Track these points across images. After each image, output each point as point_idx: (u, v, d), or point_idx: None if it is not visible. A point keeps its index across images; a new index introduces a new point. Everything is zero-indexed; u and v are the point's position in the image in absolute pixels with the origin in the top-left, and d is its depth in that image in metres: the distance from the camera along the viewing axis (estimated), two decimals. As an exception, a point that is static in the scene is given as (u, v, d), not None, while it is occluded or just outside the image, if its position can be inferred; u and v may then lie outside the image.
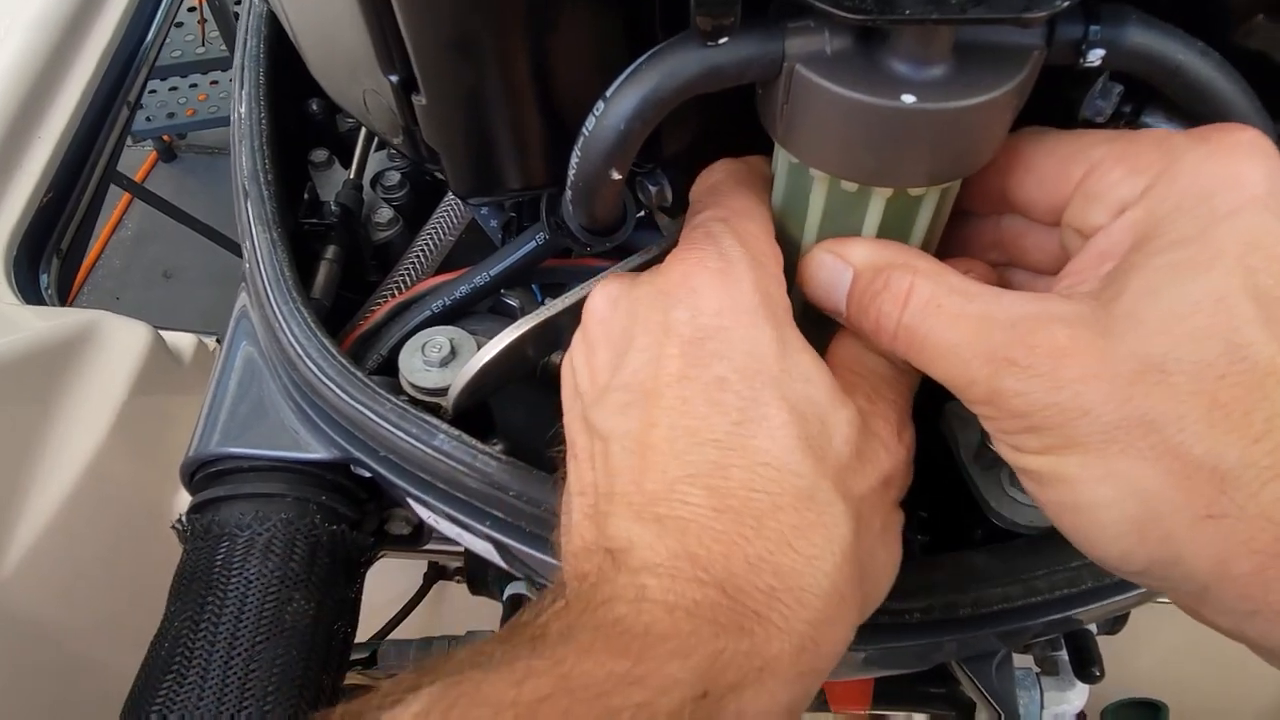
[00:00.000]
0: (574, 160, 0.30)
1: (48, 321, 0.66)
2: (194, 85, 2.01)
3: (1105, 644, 0.54)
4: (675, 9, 0.27)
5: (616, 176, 0.30)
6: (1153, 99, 0.33)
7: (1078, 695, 0.50)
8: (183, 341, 0.73)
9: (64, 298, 0.80)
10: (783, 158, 0.32)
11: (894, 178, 0.29)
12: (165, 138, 2.14)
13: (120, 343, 0.66)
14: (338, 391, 0.39)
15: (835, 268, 0.31)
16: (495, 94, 0.31)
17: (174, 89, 2.01)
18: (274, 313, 0.43)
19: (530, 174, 0.34)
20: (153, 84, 1.97)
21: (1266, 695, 0.83)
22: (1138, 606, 0.39)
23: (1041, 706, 0.47)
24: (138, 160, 2.17)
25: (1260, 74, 0.28)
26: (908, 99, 0.26)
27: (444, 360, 0.41)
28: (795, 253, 0.34)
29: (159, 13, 0.99)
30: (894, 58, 0.26)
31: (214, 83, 2.01)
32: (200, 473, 0.45)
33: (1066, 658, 0.50)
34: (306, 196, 0.52)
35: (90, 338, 0.65)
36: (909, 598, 0.34)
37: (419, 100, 0.32)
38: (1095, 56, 0.27)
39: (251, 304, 0.47)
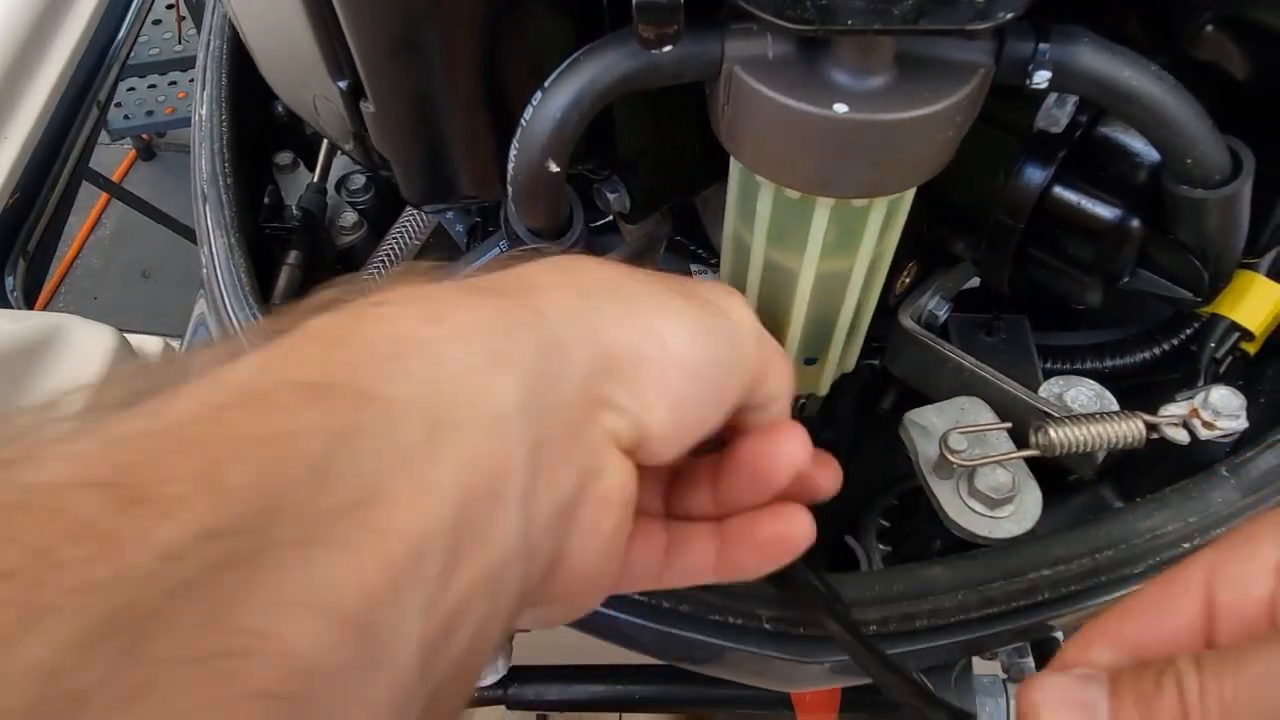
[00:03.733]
0: (512, 153, 0.30)
1: (11, 325, 0.65)
2: (173, 83, 1.99)
3: (1073, 650, 0.54)
4: (624, 15, 0.27)
5: (555, 169, 0.30)
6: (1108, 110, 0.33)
7: (1043, 702, 0.50)
8: (149, 345, 0.72)
9: (31, 300, 0.79)
10: (734, 161, 0.32)
11: (833, 188, 0.28)
12: (144, 136, 2.11)
13: (85, 346, 0.66)
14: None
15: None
16: (442, 100, 0.31)
17: (153, 86, 1.98)
18: (230, 320, 0.42)
19: (481, 181, 0.34)
20: (131, 82, 1.95)
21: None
22: (1098, 615, 0.39)
23: (1008, 714, 0.47)
24: (116, 159, 2.15)
25: (1210, 86, 0.28)
26: (840, 108, 0.26)
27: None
28: (746, 256, 0.34)
29: (130, 10, 0.98)
30: (834, 66, 0.26)
31: (193, 80, 1.99)
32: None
33: (1033, 665, 0.50)
34: (268, 200, 0.51)
35: (54, 341, 0.65)
36: (865, 609, 0.34)
37: (367, 107, 0.32)
38: (1042, 79, 0.27)
39: (209, 311, 0.47)
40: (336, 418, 0.18)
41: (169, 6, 1.90)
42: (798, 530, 0.28)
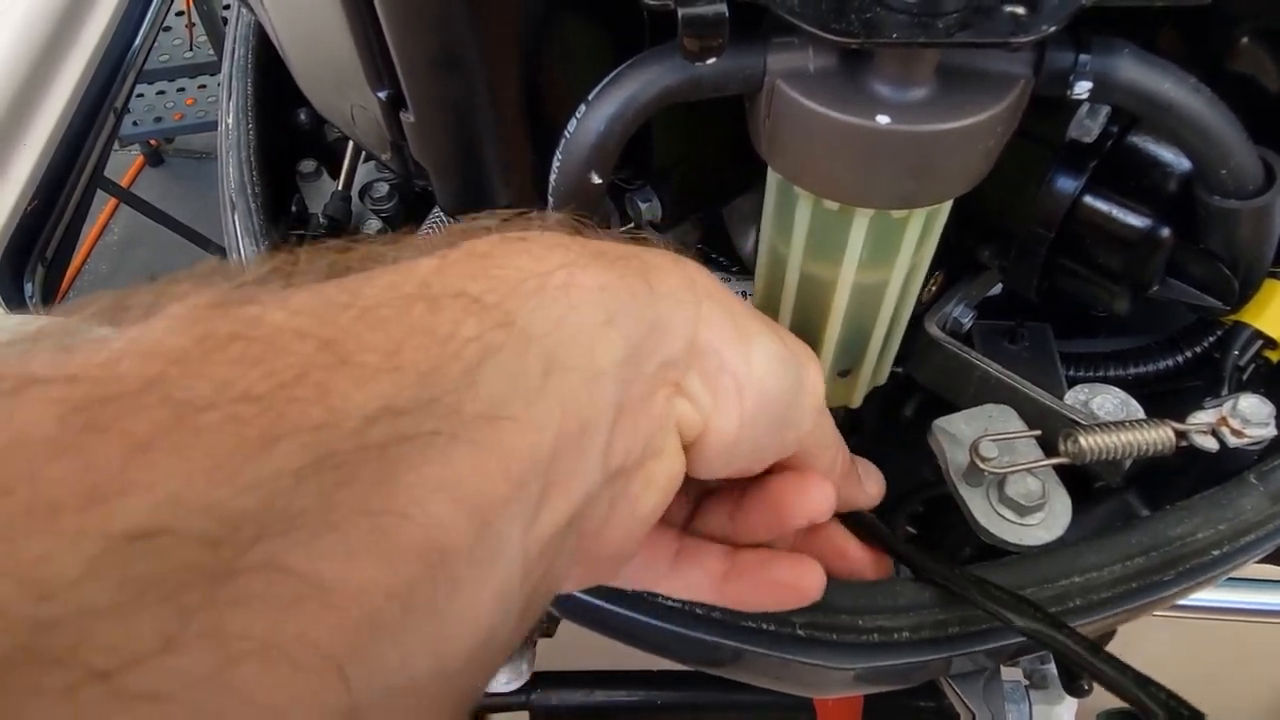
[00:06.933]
0: (555, 164, 0.30)
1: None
2: (181, 89, 2.00)
3: (1093, 656, 0.54)
4: (666, 29, 0.27)
5: (597, 181, 0.30)
6: (1140, 120, 0.33)
7: (1066, 709, 0.50)
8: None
9: (49, 305, 0.79)
10: (771, 173, 0.32)
11: (873, 199, 0.29)
12: (152, 142, 2.12)
13: (105, 352, 0.66)
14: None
15: None
16: (483, 112, 0.31)
17: (161, 93, 1.99)
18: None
19: (519, 191, 0.34)
20: (140, 88, 1.95)
21: (1252, 706, 0.84)
22: (1127, 623, 0.39)
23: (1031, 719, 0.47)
24: (124, 165, 2.15)
25: (1246, 98, 0.29)
26: (882, 120, 0.26)
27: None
28: (782, 267, 0.34)
29: (147, 17, 0.98)
30: (876, 79, 0.26)
31: (201, 87, 1.99)
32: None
33: (1055, 671, 0.50)
34: (294, 208, 0.52)
35: (75, 347, 0.65)
36: (897, 616, 0.34)
37: (407, 117, 0.32)
38: (1083, 89, 0.27)
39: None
40: (489, 333, 0.20)
41: (179, 14, 1.91)
42: (810, 584, 0.30)
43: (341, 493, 0.16)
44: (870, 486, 0.34)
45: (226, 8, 1.91)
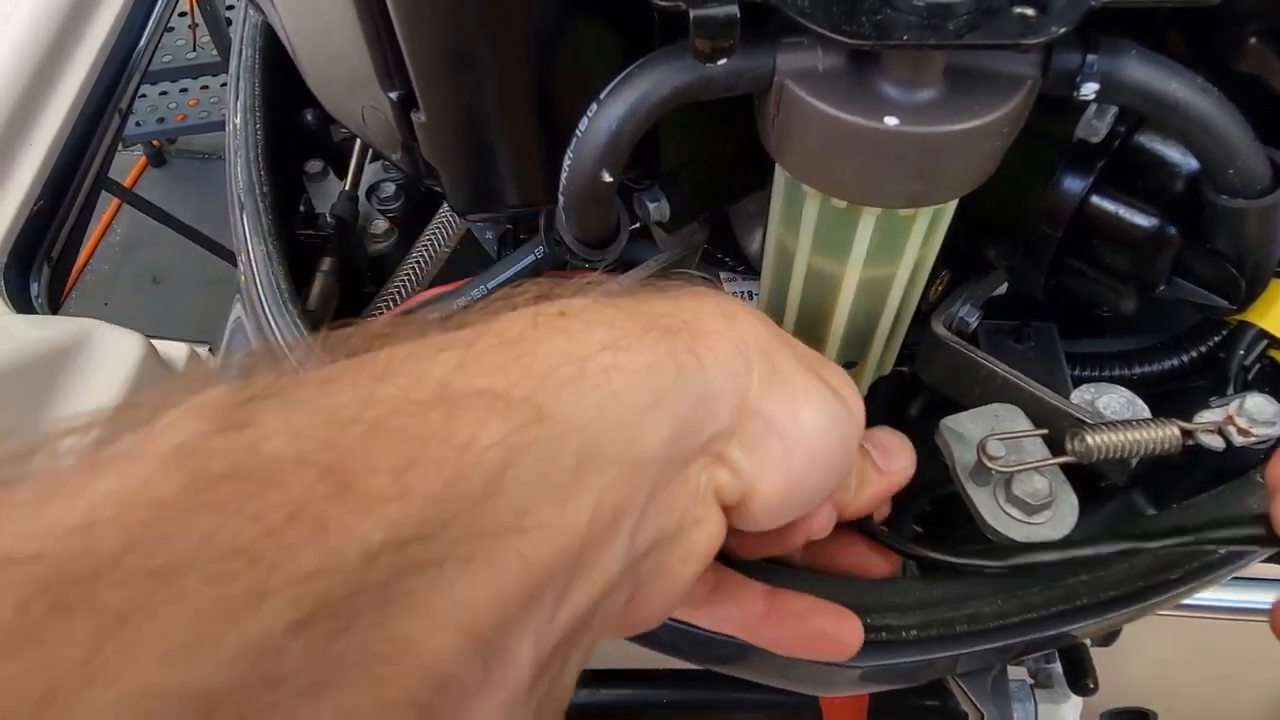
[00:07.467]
0: (566, 163, 0.31)
1: (39, 330, 0.65)
2: (184, 90, 2.00)
3: (1098, 655, 0.54)
4: (676, 28, 0.27)
5: (608, 179, 0.30)
6: (1147, 120, 0.33)
7: (1071, 708, 0.50)
8: (175, 351, 0.72)
9: (54, 306, 0.80)
10: (780, 169, 0.32)
11: (880, 197, 0.29)
12: (155, 142, 2.13)
13: (113, 352, 0.66)
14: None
15: None
16: (495, 111, 0.31)
17: (164, 93, 2.00)
18: (270, 326, 0.43)
19: (529, 190, 0.34)
20: (142, 88, 1.95)
21: (1256, 705, 0.84)
22: (1133, 621, 0.39)
23: (1036, 719, 0.48)
24: (127, 165, 2.16)
25: (1254, 98, 0.29)
26: (890, 121, 0.26)
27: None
28: (789, 261, 0.34)
29: (152, 18, 0.99)
30: (884, 80, 0.27)
31: (204, 87, 2.00)
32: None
33: (1060, 670, 0.50)
34: (302, 208, 0.52)
35: (82, 347, 0.65)
36: (905, 614, 0.35)
37: (418, 117, 0.32)
38: (1090, 90, 0.27)
39: (246, 316, 0.47)
40: (515, 432, 0.18)
41: (181, 14, 1.92)
42: (854, 639, 0.30)
43: (335, 645, 0.15)
44: (895, 463, 0.32)
45: (230, 8, 1.91)
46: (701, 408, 0.23)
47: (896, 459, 0.32)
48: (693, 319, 0.24)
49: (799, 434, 0.25)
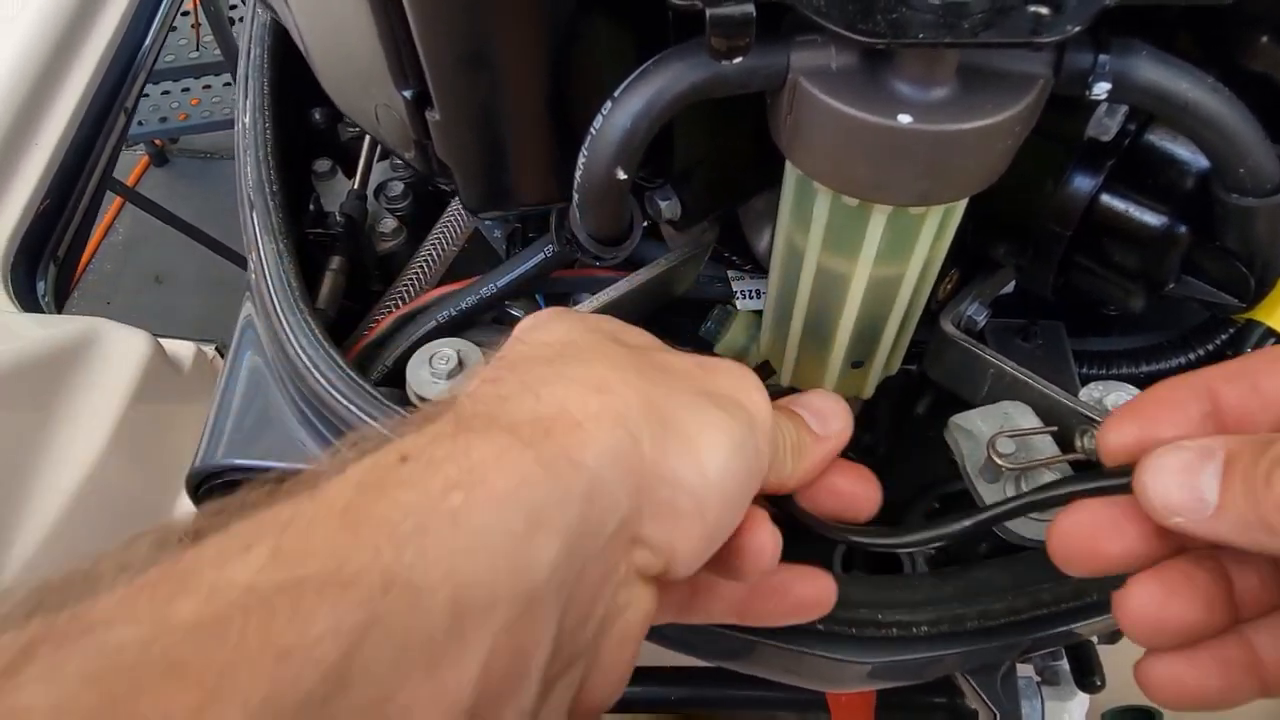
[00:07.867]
0: (581, 160, 0.31)
1: (47, 329, 0.65)
2: (186, 89, 2.00)
3: (1104, 652, 0.55)
4: (690, 27, 0.27)
5: (622, 176, 0.30)
6: (1157, 119, 0.33)
7: (1078, 705, 0.50)
8: (182, 349, 0.73)
9: (60, 304, 0.80)
10: (790, 167, 0.32)
11: (892, 195, 0.29)
12: (157, 142, 2.13)
13: (120, 350, 0.66)
14: (346, 404, 0.40)
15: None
16: (509, 110, 0.32)
17: (166, 93, 2.00)
18: (281, 324, 0.43)
19: (542, 188, 0.35)
20: (146, 88, 1.96)
21: (1258, 704, 0.84)
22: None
23: (1043, 716, 0.48)
24: (130, 164, 2.16)
25: (1264, 97, 0.29)
26: (904, 119, 0.26)
27: (451, 372, 0.41)
28: (799, 260, 0.34)
29: (156, 18, 0.99)
30: (897, 78, 0.27)
31: (207, 87, 2.00)
32: (206, 485, 0.45)
33: (1067, 667, 0.50)
34: (311, 207, 0.52)
35: (90, 345, 0.65)
36: (916, 610, 0.35)
37: (432, 115, 0.32)
38: (1101, 90, 0.27)
39: (257, 314, 0.47)
40: (351, 614, 0.17)
41: (184, 14, 1.92)
42: (829, 596, 0.30)
43: None
44: (832, 425, 0.30)
45: (233, 8, 1.91)
46: (594, 506, 0.21)
47: (832, 422, 0.30)
48: (560, 413, 0.22)
49: (707, 483, 0.23)
